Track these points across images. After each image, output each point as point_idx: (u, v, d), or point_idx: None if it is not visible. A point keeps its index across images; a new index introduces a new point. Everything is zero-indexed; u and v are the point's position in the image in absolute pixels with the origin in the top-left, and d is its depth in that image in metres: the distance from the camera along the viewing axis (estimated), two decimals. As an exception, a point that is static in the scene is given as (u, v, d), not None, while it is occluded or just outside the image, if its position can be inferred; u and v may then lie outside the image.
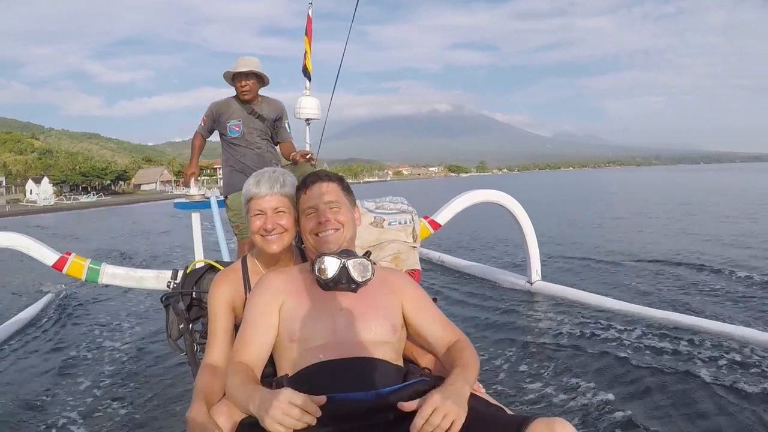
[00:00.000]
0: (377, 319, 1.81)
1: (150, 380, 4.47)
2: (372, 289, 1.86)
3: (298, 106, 5.96)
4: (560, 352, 4.54)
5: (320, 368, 1.69)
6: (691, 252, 9.45)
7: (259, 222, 2.03)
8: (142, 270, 5.55)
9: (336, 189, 1.99)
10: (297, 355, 1.75)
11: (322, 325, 1.77)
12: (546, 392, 3.78)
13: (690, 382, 3.77)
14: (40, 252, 5.09)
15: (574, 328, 5.07)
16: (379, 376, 1.69)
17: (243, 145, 4.87)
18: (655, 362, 4.16)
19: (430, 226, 5.65)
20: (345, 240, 1.93)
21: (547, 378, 4.03)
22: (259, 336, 1.80)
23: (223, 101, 4.95)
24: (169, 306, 2.42)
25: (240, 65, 4.69)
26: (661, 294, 6.42)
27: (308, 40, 6.22)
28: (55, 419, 3.84)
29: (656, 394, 3.62)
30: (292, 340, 1.77)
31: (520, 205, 6.48)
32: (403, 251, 2.71)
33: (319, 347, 1.73)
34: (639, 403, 3.50)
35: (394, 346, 1.82)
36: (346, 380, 1.64)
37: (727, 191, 30.80)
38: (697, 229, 13.26)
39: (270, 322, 1.82)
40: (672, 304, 5.88)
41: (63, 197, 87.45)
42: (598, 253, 9.87)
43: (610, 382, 3.88)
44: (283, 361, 1.81)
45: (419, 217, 2.99)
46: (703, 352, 4.28)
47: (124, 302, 7.56)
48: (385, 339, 1.79)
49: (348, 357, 1.71)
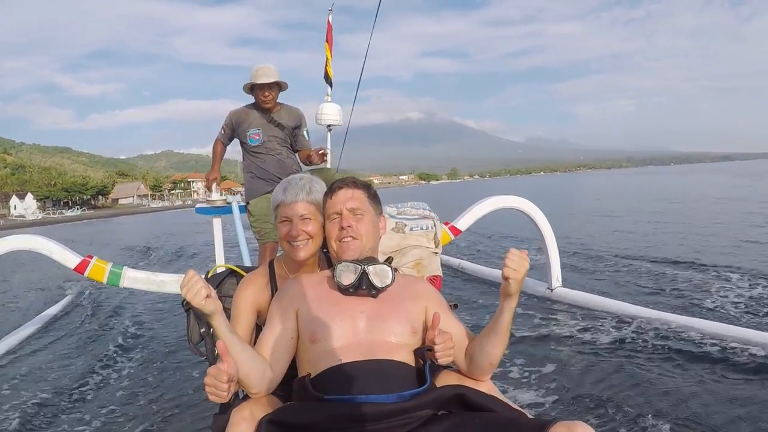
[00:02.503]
0: (398, 321, 1.83)
1: (169, 382, 4.54)
2: (393, 293, 1.88)
3: (320, 113, 5.99)
4: (581, 358, 4.49)
5: (341, 369, 1.70)
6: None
7: (286, 229, 2.06)
8: (163, 274, 5.59)
9: (361, 196, 2.01)
10: (317, 356, 1.77)
11: (342, 326, 1.78)
12: (566, 398, 3.75)
13: (717, 390, 3.69)
14: (62, 255, 5.15)
15: (596, 335, 5.01)
16: (399, 379, 1.70)
17: (263, 152, 4.92)
18: (678, 369, 4.10)
19: (451, 232, 5.64)
20: (365, 249, 1.95)
21: (566, 384, 3.99)
22: (275, 337, 1.83)
23: (242, 110, 5.00)
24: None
25: (261, 75, 4.71)
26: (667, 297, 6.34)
27: (329, 47, 6.24)
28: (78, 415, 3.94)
29: (679, 401, 3.55)
30: (312, 341, 1.78)
31: (541, 211, 6.43)
32: (425, 257, 2.70)
33: (339, 348, 1.74)
34: (662, 409, 3.44)
35: (413, 349, 1.83)
36: (366, 382, 1.65)
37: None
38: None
39: (285, 324, 1.85)
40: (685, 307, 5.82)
41: (49, 212, 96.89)
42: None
43: (632, 388, 3.82)
44: (304, 362, 1.83)
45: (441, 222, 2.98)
46: (732, 358, 4.19)
47: (145, 303, 7.64)
48: (404, 341, 1.81)
49: (368, 359, 1.72)
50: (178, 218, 44.06)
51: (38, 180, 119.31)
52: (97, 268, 5.11)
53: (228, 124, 5.03)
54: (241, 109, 5.03)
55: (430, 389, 1.69)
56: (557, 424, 1.44)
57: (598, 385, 3.91)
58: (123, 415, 3.96)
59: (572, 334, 5.15)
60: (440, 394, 1.65)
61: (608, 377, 4.06)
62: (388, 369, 1.72)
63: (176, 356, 5.24)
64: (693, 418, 3.28)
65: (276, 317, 1.87)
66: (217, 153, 5.29)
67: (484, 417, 1.59)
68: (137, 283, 5.28)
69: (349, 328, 1.79)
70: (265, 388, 1.77)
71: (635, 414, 3.34)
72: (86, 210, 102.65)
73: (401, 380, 1.70)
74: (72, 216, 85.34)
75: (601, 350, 4.65)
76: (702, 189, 32.81)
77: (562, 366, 4.35)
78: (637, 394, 3.72)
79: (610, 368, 4.22)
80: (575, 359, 4.49)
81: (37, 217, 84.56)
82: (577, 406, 3.61)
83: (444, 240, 4.98)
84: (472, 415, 1.60)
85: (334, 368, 1.71)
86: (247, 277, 2.21)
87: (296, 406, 1.66)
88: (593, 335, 5.03)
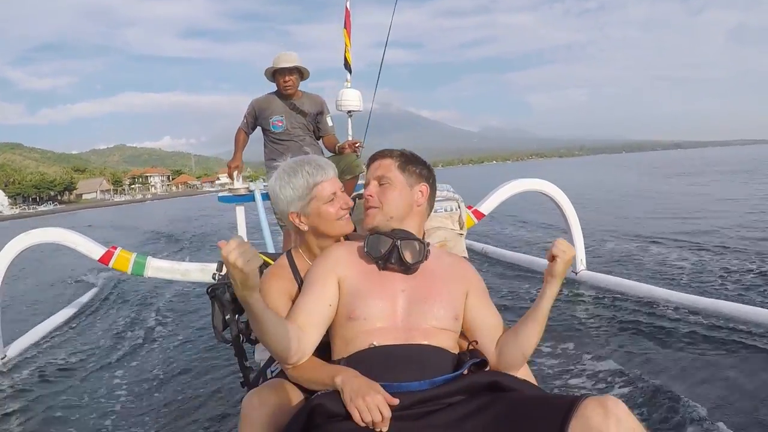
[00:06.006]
0: (441, 305, 1.78)
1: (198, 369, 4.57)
2: (438, 272, 1.85)
3: (340, 99, 5.99)
4: (607, 341, 4.44)
5: (374, 354, 1.67)
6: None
7: (337, 204, 1.99)
8: (187, 263, 5.63)
9: (389, 164, 1.97)
10: (353, 336, 1.73)
11: (382, 304, 1.74)
12: (593, 378, 3.73)
13: (744, 371, 3.64)
14: (86, 246, 5.20)
15: (622, 318, 4.96)
16: (435, 365, 1.66)
17: (287, 139, 4.96)
18: (704, 351, 4.04)
19: (474, 216, 5.59)
20: (388, 218, 1.90)
21: (593, 365, 3.95)
22: (313, 303, 1.78)
23: (264, 98, 5.05)
24: (215, 297, 2.43)
25: (282, 61, 4.75)
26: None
27: (347, 33, 6.23)
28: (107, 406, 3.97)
29: (705, 380, 3.54)
30: (350, 318, 1.74)
31: (564, 193, 6.36)
32: (450, 239, 2.66)
33: (376, 330, 1.71)
34: (687, 388, 3.42)
35: (452, 335, 1.79)
36: (400, 369, 1.62)
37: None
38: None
39: (325, 291, 1.80)
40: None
41: (24, 207, 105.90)
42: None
43: (660, 368, 3.79)
44: (338, 339, 1.79)
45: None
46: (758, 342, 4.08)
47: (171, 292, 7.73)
48: (445, 326, 1.76)
49: (404, 343, 1.68)
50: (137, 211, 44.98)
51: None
52: (122, 259, 5.15)
53: (250, 113, 5.08)
54: (263, 97, 5.07)
55: (464, 376, 1.66)
56: (588, 399, 1.40)
57: (626, 365, 3.86)
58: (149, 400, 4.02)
59: (597, 317, 5.11)
60: (473, 381, 1.62)
61: (635, 357, 4.03)
62: (425, 356, 1.69)
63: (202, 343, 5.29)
64: (730, 402, 3.23)
65: (316, 283, 1.82)
66: (239, 142, 5.33)
67: (513, 396, 1.56)
68: (161, 272, 5.31)
69: (389, 308, 1.75)
70: (298, 358, 1.72)
71: (667, 393, 3.29)
72: (57, 205, 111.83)
73: (437, 368, 1.66)
74: (45, 210, 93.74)
75: (627, 332, 4.61)
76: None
77: (587, 349, 4.29)
78: (665, 373, 3.70)
79: (636, 351, 4.18)
80: (601, 343, 4.43)
81: (15, 212, 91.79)
82: (605, 386, 3.59)
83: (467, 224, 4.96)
84: (500, 395, 1.57)
85: (369, 352, 1.69)
86: (267, 271, 2.15)
87: (327, 394, 1.60)
88: (619, 318, 4.98)
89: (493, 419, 1.47)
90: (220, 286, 2.43)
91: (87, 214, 57.96)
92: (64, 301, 7.73)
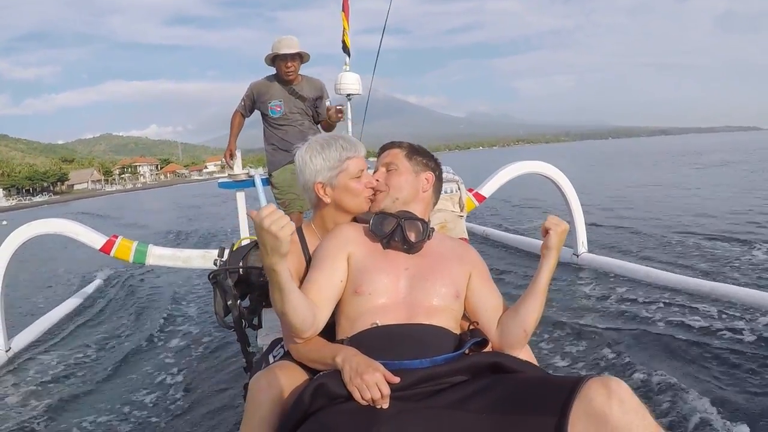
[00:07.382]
0: (443, 282, 1.80)
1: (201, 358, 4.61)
2: (439, 253, 1.89)
3: (339, 82, 5.94)
4: (609, 324, 4.44)
5: (377, 333, 1.68)
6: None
7: (363, 181, 2.02)
8: (189, 250, 5.62)
9: (397, 153, 2.06)
10: (357, 312, 1.75)
11: (386, 282, 1.77)
12: (595, 362, 3.74)
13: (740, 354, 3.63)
14: (88, 236, 5.20)
15: (623, 301, 4.97)
16: (437, 344, 1.67)
17: (285, 124, 4.92)
18: (704, 334, 4.03)
19: (475, 198, 5.58)
20: (394, 200, 1.97)
21: (595, 349, 3.97)
22: (324, 278, 1.79)
23: (263, 81, 4.98)
24: (217, 283, 2.43)
25: (284, 46, 4.68)
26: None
27: (345, 17, 6.17)
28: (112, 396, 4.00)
29: (703, 363, 3.54)
30: (356, 293, 1.76)
31: (565, 176, 6.34)
32: (449, 220, 2.67)
33: (379, 307, 1.73)
34: (686, 370, 3.45)
35: (454, 314, 1.81)
36: (402, 347, 1.62)
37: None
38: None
39: (336, 266, 1.81)
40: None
41: (20, 198, 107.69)
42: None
43: (659, 352, 3.80)
44: (342, 318, 1.80)
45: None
46: (755, 325, 4.07)
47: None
48: (447, 304, 1.78)
49: (406, 323, 1.69)
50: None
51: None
52: (123, 248, 5.15)
53: (249, 96, 5.02)
54: (262, 80, 5.01)
55: (465, 356, 1.66)
56: (591, 380, 1.39)
57: (629, 349, 3.86)
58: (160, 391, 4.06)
59: (599, 299, 5.12)
60: (475, 361, 1.62)
61: (636, 341, 4.03)
62: (426, 335, 1.69)
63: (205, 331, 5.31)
64: (721, 383, 3.25)
65: (327, 258, 1.83)
66: (234, 125, 5.29)
67: (515, 377, 1.56)
68: (163, 260, 5.31)
69: (393, 284, 1.77)
70: (313, 332, 1.72)
71: (668, 377, 3.29)
72: (51, 195, 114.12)
73: (438, 347, 1.66)
74: (41, 201, 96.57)
75: (628, 315, 4.61)
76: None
77: (589, 333, 4.30)
78: (666, 356, 3.70)
79: (637, 334, 4.17)
80: (603, 326, 4.42)
81: (12, 203, 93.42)
82: (606, 365, 3.63)
83: (468, 207, 4.96)
84: (503, 376, 1.57)
85: (372, 331, 1.69)
86: None
87: (329, 374, 1.60)
88: (620, 300, 4.99)
89: (495, 400, 1.47)
90: (222, 272, 2.43)
91: (84, 203, 58.74)
92: (68, 292, 7.73)
